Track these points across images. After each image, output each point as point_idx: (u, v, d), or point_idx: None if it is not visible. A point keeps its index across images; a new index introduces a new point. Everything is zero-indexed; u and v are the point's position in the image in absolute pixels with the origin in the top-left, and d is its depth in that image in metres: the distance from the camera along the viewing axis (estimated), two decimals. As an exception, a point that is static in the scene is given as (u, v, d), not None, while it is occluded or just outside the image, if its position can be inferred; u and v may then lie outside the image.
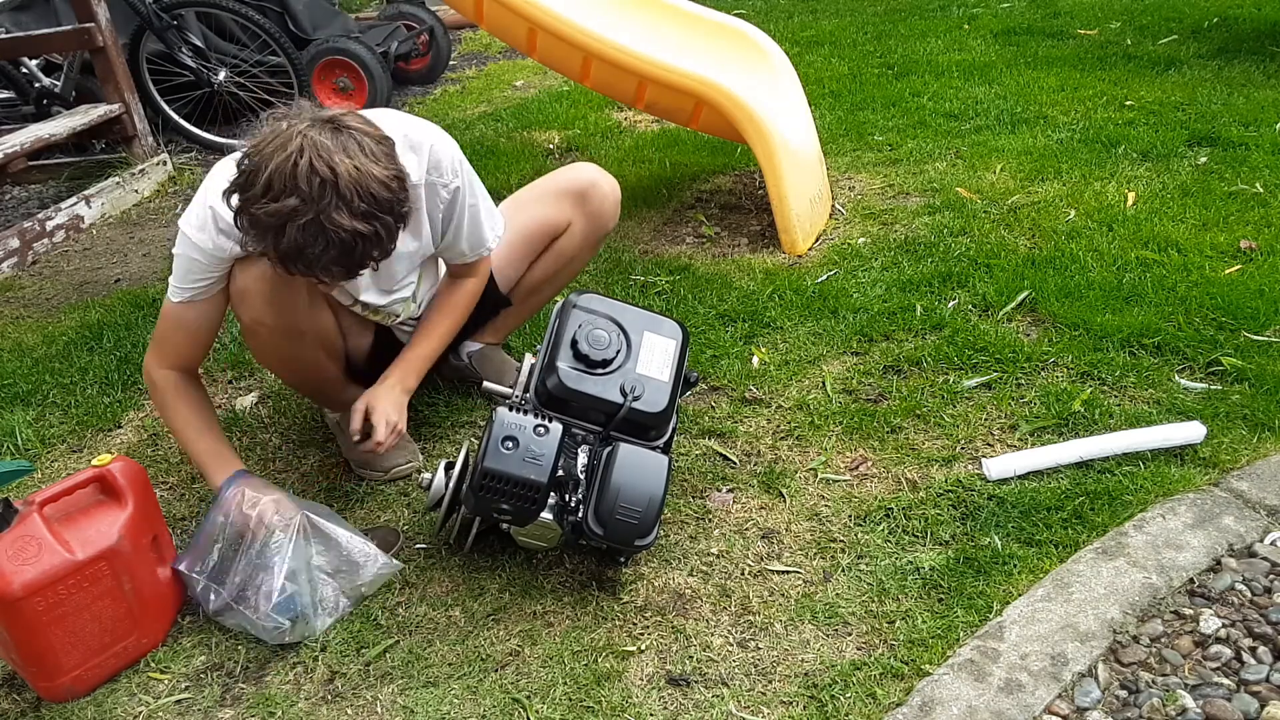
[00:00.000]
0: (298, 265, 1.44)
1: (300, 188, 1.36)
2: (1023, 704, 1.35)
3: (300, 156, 1.36)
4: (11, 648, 1.47)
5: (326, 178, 1.37)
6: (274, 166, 1.37)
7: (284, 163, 1.37)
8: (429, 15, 5.28)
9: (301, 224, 1.37)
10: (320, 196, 1.37)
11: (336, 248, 1.40)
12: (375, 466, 1.94)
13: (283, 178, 1.37)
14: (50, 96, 4.17)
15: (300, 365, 1.84)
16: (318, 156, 1.37)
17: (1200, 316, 2.19)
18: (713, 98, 2.68)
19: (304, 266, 1.44)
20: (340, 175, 1.37)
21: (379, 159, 1.43)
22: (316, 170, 1.36)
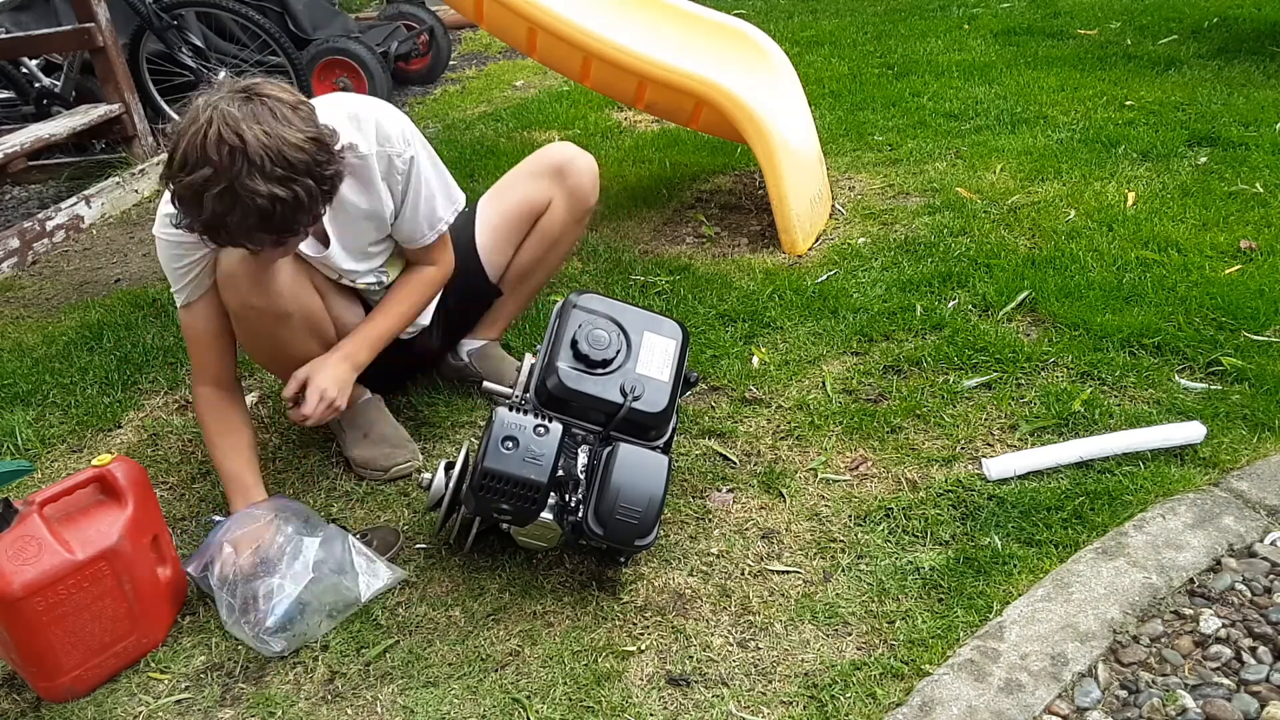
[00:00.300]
0: (221, 236, 1.47)
1: (210, 157, 1.39)
2: (1023, 704, 1.35)
3: (209, 127, 1.39)
4: (11, 648, 1.47)
5: (235, 145, 1.39)
6: (186, 140, 1.40)
7: (195, 135, 1.40)
8: (429, 15, 5.28)
9: (216, 193, 1.40)
10: (231, 164, 1.39)
11: (254, 214, 1.42)
12: (375, 466, 1.94)
13: (194, 150, 1.39)
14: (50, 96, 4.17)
15: (290, 352, 1.81)
16: (225, 125, 1.39)
17: (1200, 316, 2.19)
18: (713, 98, 2.68)
19: (227, 236, 1.47)
20: (249, 142, 1.39)
21: (291, 123, 1.44)
22: (225, 139, 1.39)
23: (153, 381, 2.35)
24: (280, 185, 1.42)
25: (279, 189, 1.42)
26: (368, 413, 2.01)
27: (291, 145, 1.43)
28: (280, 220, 1.46)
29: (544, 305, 2.53)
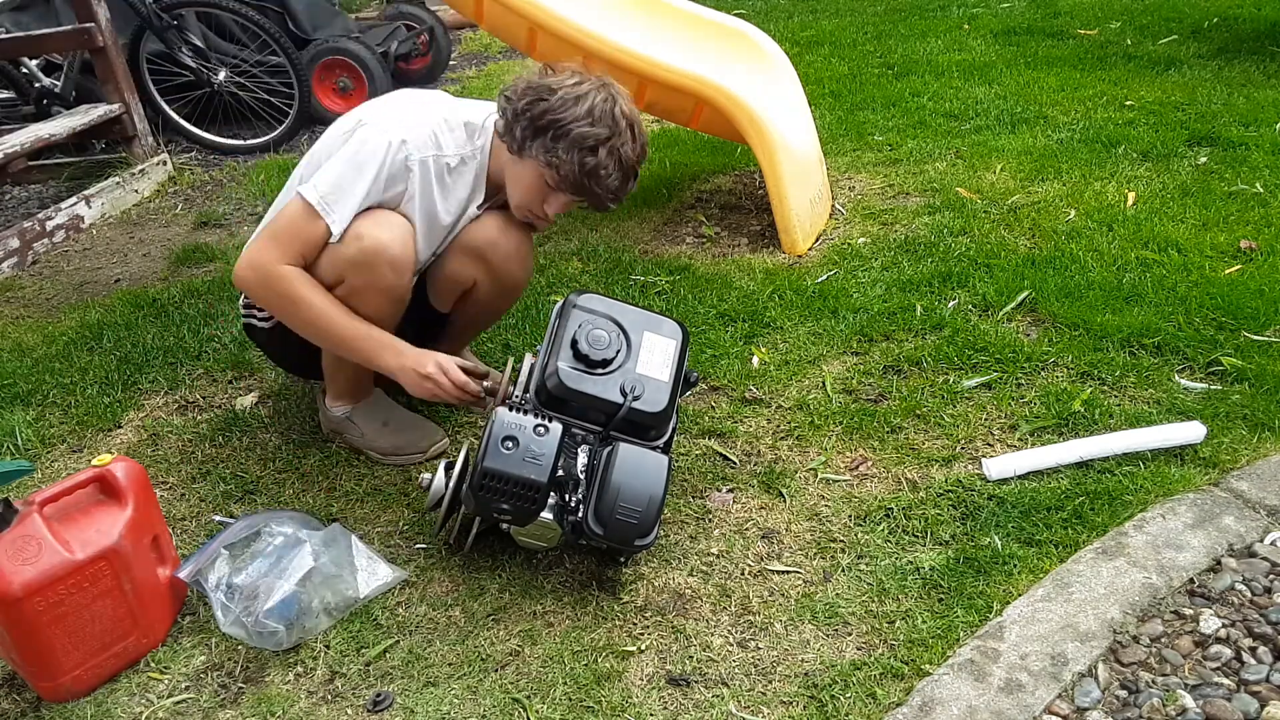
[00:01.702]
0: (593, 182, 1.71)
1: (615, 122, 1.70)
2: (1023, 704, 1.35)
3: (611, 100, 1.71)
4: (11, 648, 1.47)
5: (630, 118, 1.73)
6: (594, 101, 1.69)
7: (603, 101, 1.70)
8: (429, 15, 5.28)
9: (608, 148, 1.69)
10: (623, 132, 1.71)
11: (620, 174, 1.73)
12: (411, 449, 1.98)
13: (602, 111, 1.69)
14: (50, 96, 4.17)
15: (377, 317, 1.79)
16: (625, 102, 1.73)
17: (1200, 316, 2.19)
18: (713, 98, 2.68)
19: (594, 184, 1.71)
20: (634, 119, 1.74)
21: None
22: (625, 112, 1.72)
23: (153, 381, 2.35)
24: (638, 159, 1.76)
25: (637, 162, 1.76)
26: (380, 404, 2.03)
27: (644, 132, 1.78)
28: (629, 185, 1.77)
29: (544, 305, 2.53)
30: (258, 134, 4.31)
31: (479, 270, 1.91)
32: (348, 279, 1.72)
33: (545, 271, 2.72)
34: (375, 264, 1.70)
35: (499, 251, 1.89)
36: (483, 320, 2.14)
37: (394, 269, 1.73)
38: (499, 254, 1.89)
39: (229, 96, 4.27)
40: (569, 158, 1.69)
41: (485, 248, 1.88)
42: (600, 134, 1.68)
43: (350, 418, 2.00)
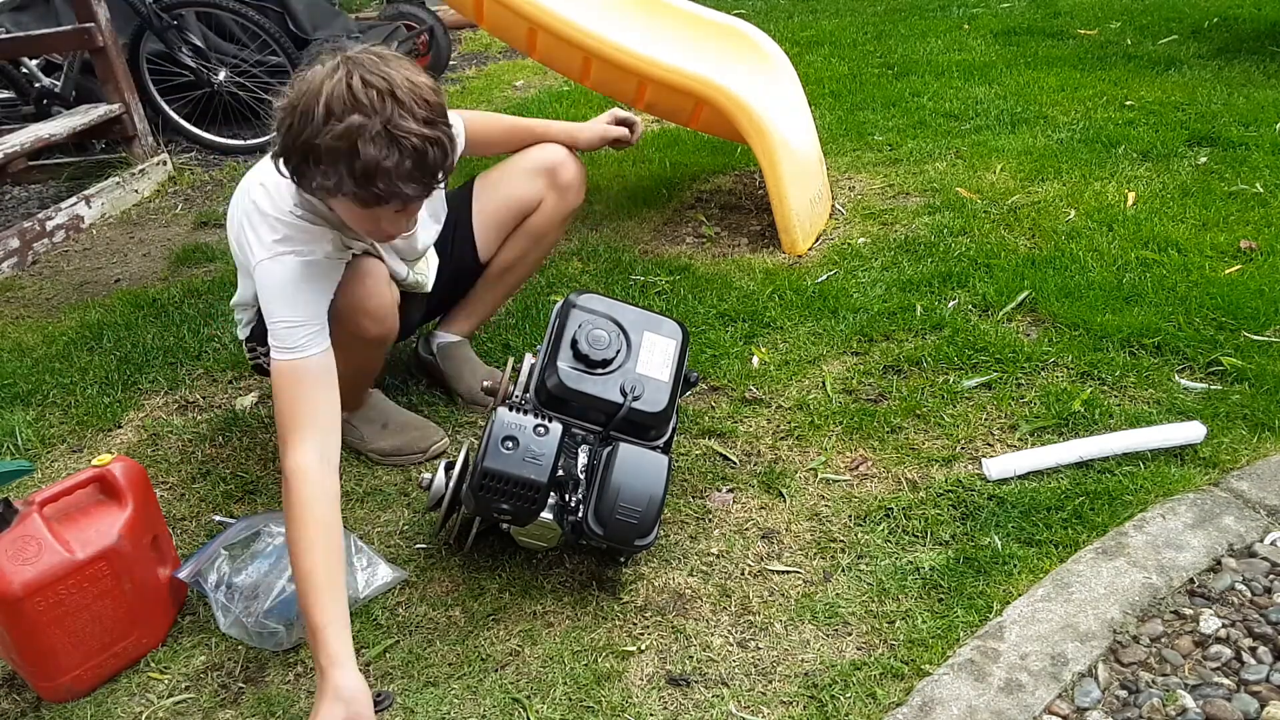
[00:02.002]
0: (377, 184, 1.39)
1: (361, 102, 1.35)
2: (1023, 704, 1.35)
3: (350, 77, 1.36)
4: (11, 648, 1.47)
5: (383, 88, 1.36)
6: (328, 93, 1.36)
7: (336, 86, 1.36)
8: (429, 15, 5.27)
9: (371, 136, 1.35)
10: (382, 106, 1.36)
11: (410, 156, 1.38)
12: (412, 450, 1.97)
13: (340, 100, 1.35)
14: (50, 96, 4.16)
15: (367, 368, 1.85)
16: (368, 72, 1.37)
17: (1200, 316, 2.19)
18: (713, 98, 2.68)
19: (384, 184, 1.39)
20: (396, 83, 1.37)
21: (416, 70, 1.43)
22: (371, 84, 1.36)
23: (153, 381, 2.35)
24: (428, 126, 1.39)
25: (427, 130, 1.39)
26: (379, 405, 2.03)
27: (429, 88, 1.42)
28: (432, 162, 1.42)
29: (544, 305, 2.53)
30: (258, 134, 4.30)
31: (545, 186, 1.99)
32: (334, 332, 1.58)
33: (545, 271, 2.72)
34: (355, 319, 1.68)
35: (567, 172, 2.00)
36: (520, 266, 2.11)
37: (374, 320, 1.71)
38: (567, 174, 2.00)
39: (229, 96, 4.27)
40: (338, 176, 1.38)
41: (556, 166, 1.99)
42: (352, 124, 1.34)
43: (350, 421, 2.00)
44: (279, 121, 1.43)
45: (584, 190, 2.07)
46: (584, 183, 2.06)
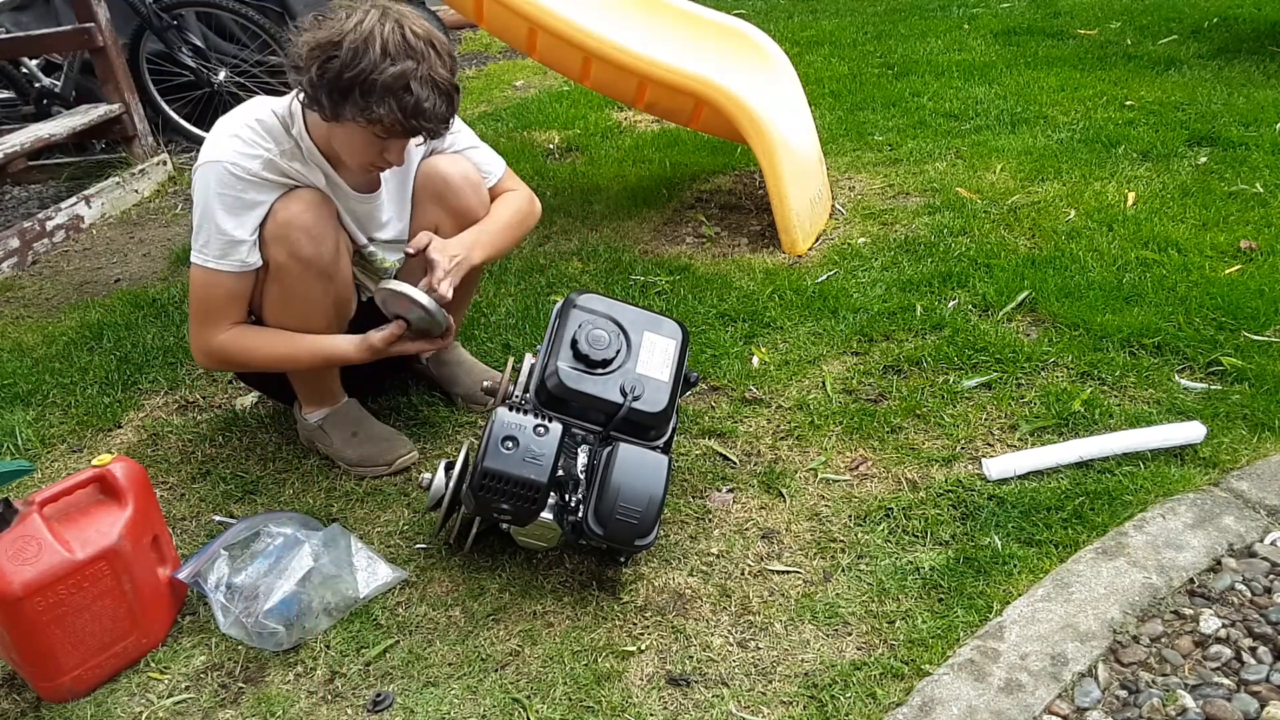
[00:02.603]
0: (419, 119, 1.61)
1: (413, 49, 1.58)
2: (1023, 704, 1.35)
3: (399, 27, 1.59)
4: (11, 648, 1.47)
5: (426, 38, 1.61)
6: (383, 37, 1.57)
7: (390, 32, 1.57)
8: (429, 15, 5.27)
9: (420, 79, 1.58)
10: (425, 55, 1.59)
11: (444, 98, 1.63)
12: (378, 461, 1.95)
13: (395, 44, 1.57)
14: (50, 96, 4.17)
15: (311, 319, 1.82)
16: (412, 24, 1.61)
17: (1200, 316, 2.19)
18: (713, 98, 2.68)
19: (424, 119, 1.61)
20: (434, 36, 1.62)
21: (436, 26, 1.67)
22: (418, 34, 1.60)
23: (153, 381, 2.35)
24: (452, 73, 1.65)
25: (453, 76, 1.64)
26: (351, 413, 2.01)
27: (449, 42, 1.67)
28: (454, 105, 1.66)
29: (544, 305, 2.53)
30: (258, 134, 4.30)
31: (441, 214, 1.93)
32: (270, 255, 1.72)
33: (545, 271, 2.72)
34: (289, 235, 1.71)
35: (456, 198, 1.91)
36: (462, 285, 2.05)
37: (309, 236, 1.72)
38: (455, 200, 1.91)
39: (229, 96, 4.27)
40: (386, 107, 1.58)
41: (444, 192, 1.92)
42: (407, 68, 1.57)
43: (322, 426, 1.99)
44: (313, 56, 1.59)
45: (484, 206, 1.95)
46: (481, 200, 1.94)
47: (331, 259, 1.77)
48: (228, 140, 1.68)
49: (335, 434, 1.98)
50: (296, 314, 1.80)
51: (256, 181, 1.68)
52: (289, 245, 1.71)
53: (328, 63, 1.57)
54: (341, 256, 1.81)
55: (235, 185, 1.67)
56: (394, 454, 1.96)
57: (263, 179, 1.69)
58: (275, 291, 1.76)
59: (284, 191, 1.72)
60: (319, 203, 1.74)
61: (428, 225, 1.93)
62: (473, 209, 1.93)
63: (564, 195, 3.29)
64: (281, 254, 1.72)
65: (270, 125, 1.71)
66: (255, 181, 1.68)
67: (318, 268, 1.75)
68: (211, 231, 1.68)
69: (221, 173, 1.66)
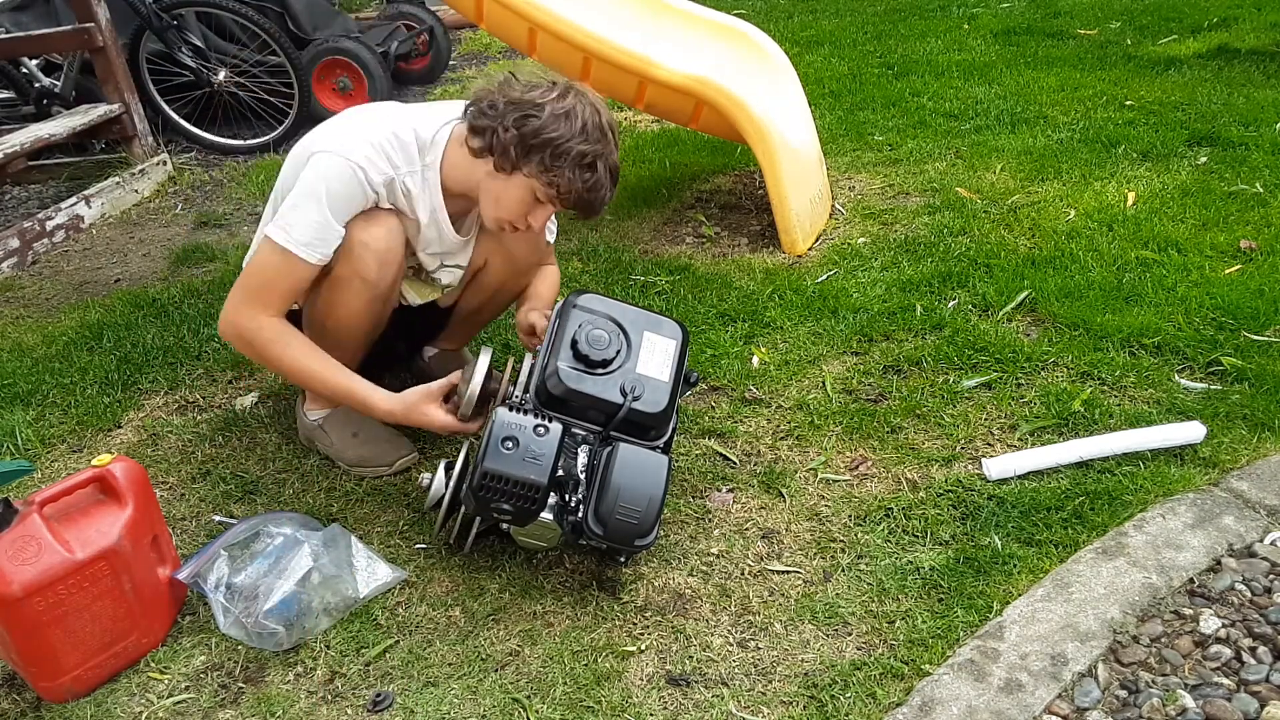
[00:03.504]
0: (593, 195, 1.71)
1: (604, 134, 1.69)
2: (1023, 704, 1.35)
3: (597, 113, 1.70)
4: (11, 648, 1.47)
5: (612, 126, 1.72)
6: (584, 116, 1.67)
7: (591, 114, 1.68)
8: (429, 15, 5.28)
9: (604, 161, 1.70)
10: (611, 142, 1.71)
11: (614, 185, 1.74)
12: (378, 462, 1.95)
13: (593, 125, 1.68)
14: (50, 96, 4.16)
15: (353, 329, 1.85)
16: (606, 113, 1.72)
17: (1200, 316, 2.19)
18: (713, 98, 2.68)
19: (596, 196, 1.72)
20: (614, 126, 1.73)
21: None
22: (608, 122, 1.71)
23: (153, 381, 2.35)
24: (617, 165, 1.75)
25: (616, 164, 1.75)
26: (352, 413, 2.00)
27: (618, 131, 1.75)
28: (614, 188, 1.76)
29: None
30: (258, 134, 4.30)
31: (492, 245, 1.96)
32: (334, 265, 1.74)
33: (545, 271, 2.72)
34: (362, 255, 1.73)
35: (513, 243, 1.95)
36: (487, 310, 2.13)
37: (380, 262, 1.74)
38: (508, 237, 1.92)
39: (229, 96, 4.27)
40: (571, 175, 1.67)
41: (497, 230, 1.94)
42: (596, 150, 1.67)
43: (323, 425, 1.99)
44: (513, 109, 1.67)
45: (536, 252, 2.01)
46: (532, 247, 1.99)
47: (390, 287, 1.81)
48: (363, 142, 1.69)
49: (336, 433, 1.98)
50: (337, 320, 1.83)
51: (371, 194, 1.71)
52: (357, 264, 1.74)
53: (527, 119, 1.66)
54: (397, 285, 1.85)
55: (353, 187, 1.69)
56: (394, 454, 1.96)
57: (376, 193, 1.72)
58: (325, 295, 1.79)
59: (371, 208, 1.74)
60: (395, 231, 1.76)
61: (479, 257, 1.98)
62: (525, 257, 2.00)
63: (564, 195, 3.29)
64: (347, 269, 1.74)
65: (407, 144, 1.74)
66: (370, 193, 1.71)
67: (375, 291, 1.78)
68: (309, 218, 1.68)
69: (346, 170, 1.68)
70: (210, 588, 1.59)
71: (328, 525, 1.73)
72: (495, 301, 2.11)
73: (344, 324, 1.83)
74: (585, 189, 1.69)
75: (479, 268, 2.01)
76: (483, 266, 2.01)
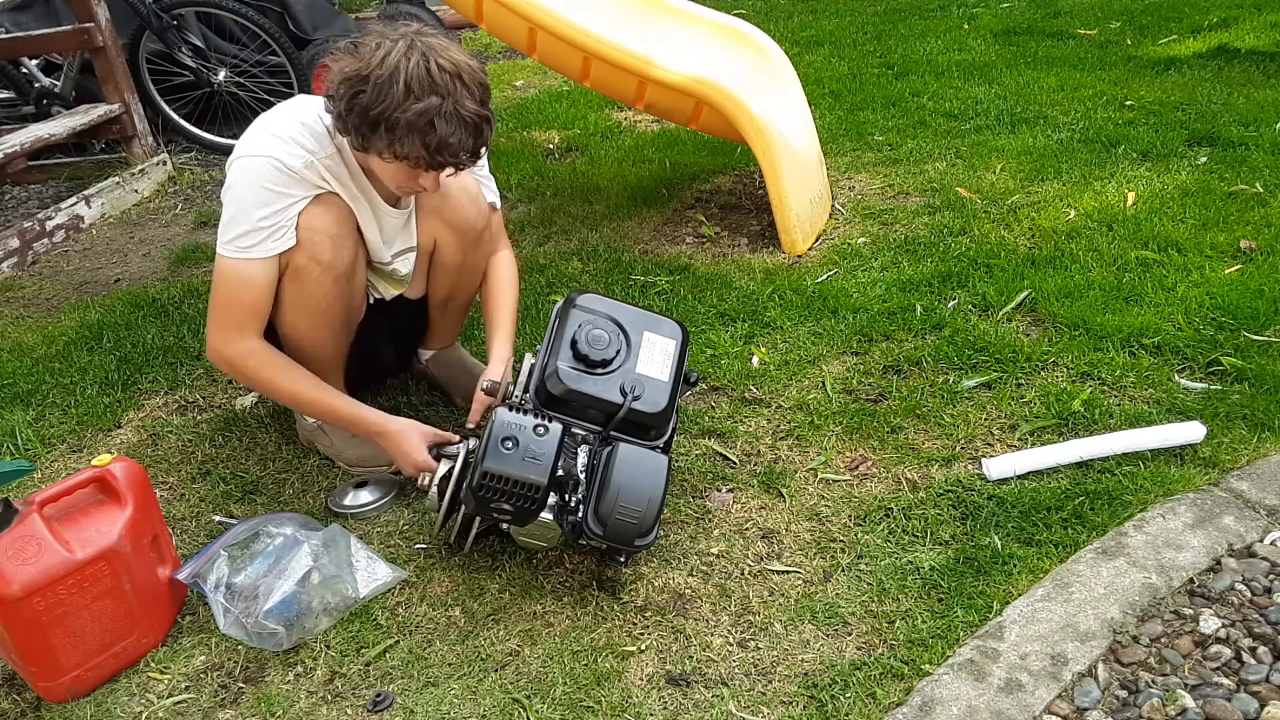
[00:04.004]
0: (444, 155, 1.60)
1: (437, 84, 1.55)
2: (1023, 704, 1.35)
3: (425, 60, 1.56)
4: (11, 648, 1.47)
5: (453, 72, 1.57)
6: (407, 72, 1.54)
7: (415, 68, 1.55)
8: (429, 15, 5.27)
9: (445, 115, 1.56)
10: (452, 89, 1.56)
11: (471, 132, 1.60)
12: (378, 462, 1.94)
13: (420, 81, 1.55)
14: (50, 96, 4.16)
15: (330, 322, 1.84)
16: (439, 56, 1.57)
17: (1200, 316, 2.19)
18: (713, 98, 2.68)
19: (450, 156, 1.60)
20: (461, 68, 1.58)
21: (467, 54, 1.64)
22: (444, 68, 1.56)
23: (153, 381, 2.35)
24: (483, 105, 1.61)
25: (483, 109, 1.61)
26: None
27: (480, 70, 1.62)
28: (485, 137, 1.63)
29: (544, 305, 2.53)
30: (258, 134, 4.30)
31: (437, 225, 1.93)
32: (291, 257, 1.73)
33: (545, 271, 2.72)
34: (313, 239, 1.72)
35: (453, 211, 1.91)
36: (458, 295, 2.09)
37: (332, 242, 1.73)
38: (453, 213, 1.91)
39: (229, 96, 4.27)
40: (411, 145, 1.58)
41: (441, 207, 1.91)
42: (430, 105, 1.55)
43: (322, 426, 1.99)
44: (343, 89, 1.59)
45: (482, 216, 1.95)
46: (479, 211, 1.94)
47: (349, 265, 1.80)
48: (271, 137, 1.68)
49: (335, 434, 1.98)
50: (310, 315, 1.81)
51: (297, 179, 1.69)
52: (312, 249, 1.73)
53: (355, 97, 1.58)
54: (358, 263, 1.84)
55: (277, 180, 1.68)
56: None
57: (303, 177, 1.70)
58: (292, 291, 1.77)
59: (313, 196, 1.72)
60: (342, 211, 1.76)
61: (426, 238, 1.95)
62: (471, 221, 1.94)
63: (564, 195, 3.29)
64: (303, 257, 1.73)
65: (315, 130, 1.72)
66: (296, 178, 1.69)
67: (336, 272, 1.77)
68: (241, 226, 1.68)
69: (264, 166, 1.67)
70: (210, 588, 1.59)
71: (328, 525, 1.73)
72: (463, 283, 2.05)
73: (317, 317, 1.81)
74: (434, 150, 1.58)
75: (430, 249, 1.98)
76: (434, 247, 1.97)
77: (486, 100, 1.63)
